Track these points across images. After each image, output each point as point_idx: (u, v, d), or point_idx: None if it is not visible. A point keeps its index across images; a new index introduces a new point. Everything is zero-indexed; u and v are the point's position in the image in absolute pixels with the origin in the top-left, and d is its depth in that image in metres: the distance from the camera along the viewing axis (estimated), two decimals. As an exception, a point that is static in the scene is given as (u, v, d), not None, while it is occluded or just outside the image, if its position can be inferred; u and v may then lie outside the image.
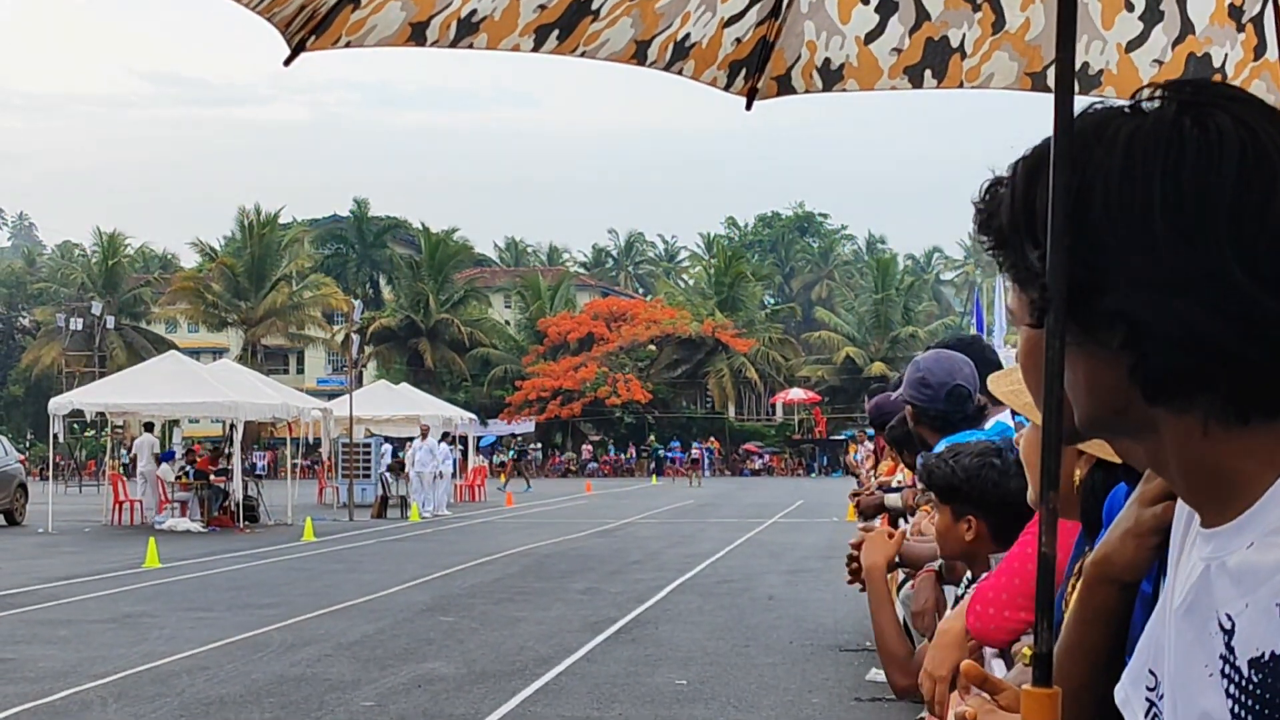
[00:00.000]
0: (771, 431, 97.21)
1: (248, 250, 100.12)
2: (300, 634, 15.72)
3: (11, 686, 12.39)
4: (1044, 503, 1.89)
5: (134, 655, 14.13)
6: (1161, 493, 2.20)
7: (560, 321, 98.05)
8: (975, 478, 4.38)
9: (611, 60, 4.33)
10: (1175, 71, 4.43)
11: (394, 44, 4.09)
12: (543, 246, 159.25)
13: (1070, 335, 1.54)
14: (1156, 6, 4.40)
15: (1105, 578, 2.32)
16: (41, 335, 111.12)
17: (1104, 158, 1.48)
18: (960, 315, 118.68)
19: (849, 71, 4.53)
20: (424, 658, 14.07)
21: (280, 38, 3.97)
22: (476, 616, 17.41)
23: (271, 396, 38.63)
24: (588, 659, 14.07)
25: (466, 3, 4.04)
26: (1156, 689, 1.61)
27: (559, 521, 38.28)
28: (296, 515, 37.13)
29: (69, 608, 18.56)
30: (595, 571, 23.74)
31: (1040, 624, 1.89)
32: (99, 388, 39.34)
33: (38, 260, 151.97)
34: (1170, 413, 1.47)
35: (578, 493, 59.23)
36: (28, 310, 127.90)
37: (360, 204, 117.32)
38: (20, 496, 38.85)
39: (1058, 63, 2.05)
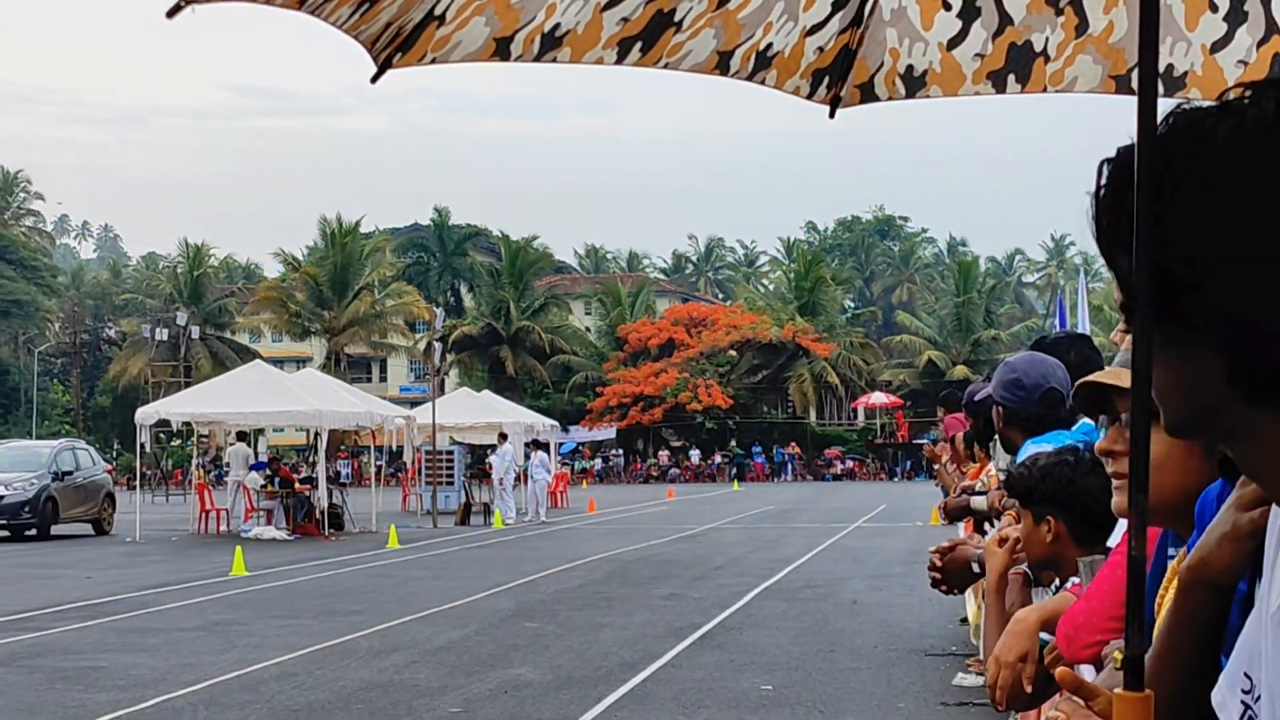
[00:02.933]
0: (853, 436, 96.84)
1: (330, 259, 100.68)
2: (387, 640, 15.80)
3: (104, 694, 12.52)
4: (1133, 506, 1.89)
5: (223, 663, 14.24)
6: (1259, 497, 2.19)
7: (640, 328, 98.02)
8: (1050, 475, 4.38)
9: (694, 71, 4.35)
10: (1260, 72, 4.40)
11: (479, 59, 4.13)
12: (622, 253, 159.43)
13: (1162, 336, 1.54)
14: (1240, 7, 4.37)
15: (1201, 582, 2.31)
16: (128, 346, 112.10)
17: (1200, 157, 1.47)
18: (1043, 317, 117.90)
19: (932, 78, 4.54)
20: (510, 664, 14.11)
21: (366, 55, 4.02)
22: (561, 622, 17.45)
23: (355, 405, 38.82)
24: (673, 664, 14.08)
25: (550, 17, 4.07)
26: (1252, 692, 1.61)
27: (641, 527, 38.29)
28: (381, 522, 37.29)
29: (158, 616, 18.72)
30: (678, 577, 23.74)
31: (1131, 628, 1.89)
32: (185, 398, 39.68)
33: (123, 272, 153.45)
34: (1271, 415, 1.46)
35: (659, 499, 59.19)
36: (114, 321, 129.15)
37: (441, 212, 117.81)
38: (108, 506, 39.21)
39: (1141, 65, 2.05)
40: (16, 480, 35.97)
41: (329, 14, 3.78)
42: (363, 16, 3.85)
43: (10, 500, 35.57)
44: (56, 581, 24.25)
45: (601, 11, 4.11)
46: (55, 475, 36.82)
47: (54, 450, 38.76)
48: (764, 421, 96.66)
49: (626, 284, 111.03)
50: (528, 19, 4.06)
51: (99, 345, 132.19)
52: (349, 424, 39.99)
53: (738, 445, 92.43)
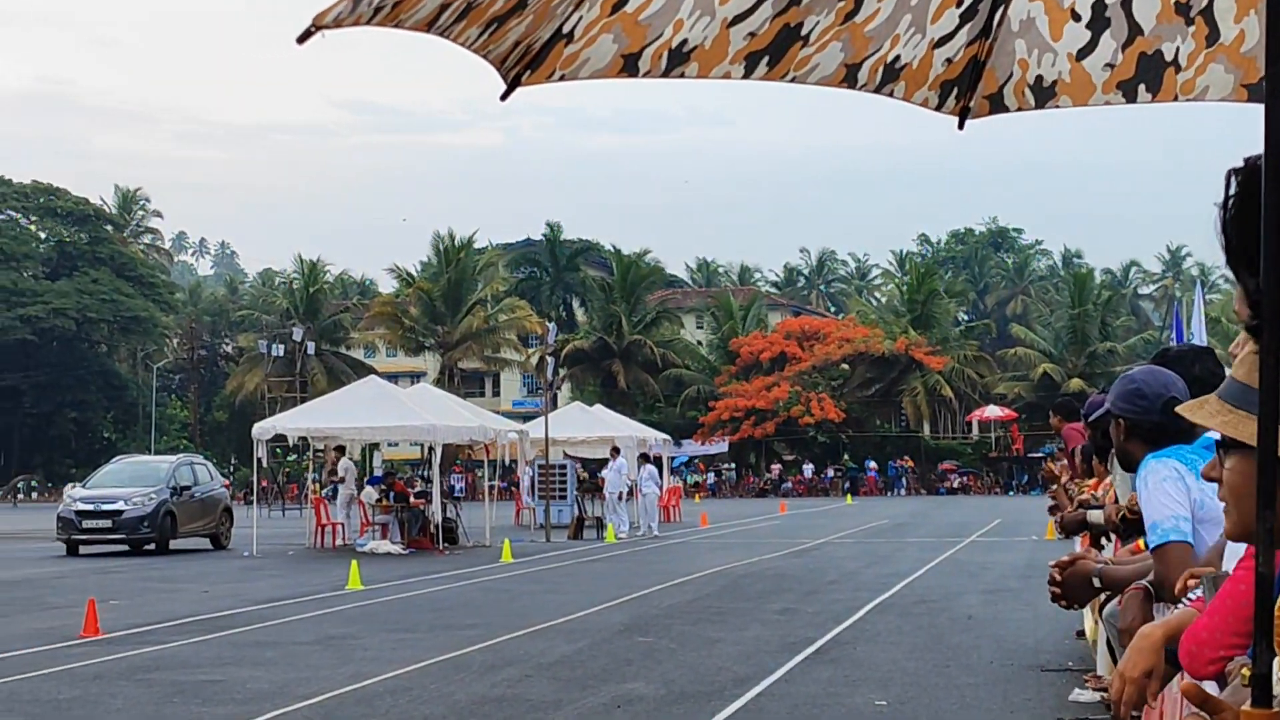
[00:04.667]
0: (967, 450, 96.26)
1: (444, 275, 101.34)
2: (500, 655, 15.85)
3: (221, 708, 12.64)
4: (1261, 524, 1.86)
5: (339, 676, 14.34)
6: None
7: (752, 341, 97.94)
8: None
9: (822, 85, 4.35)
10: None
11: (607, 76, 4.14)
12: (734, 266, 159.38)
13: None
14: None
15: None
16: (244, 362, 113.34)
17: None
18: (1159, 330, 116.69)
19: (1062, 88, 4.51)
20: (623, 678, 14.11)
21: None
22: (674, 637, 17.43)
23: (469, 419, 39.00)
24: (786, 679, 14.03)
25: (677, 33, 4.08)
26: None
27: (754, 542, 38.22)
28: (494, 537, 37.44)
29: (275, 630, 18.88)
30: (792, 592, 23.66)
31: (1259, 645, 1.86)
32: (301, 413, 40.03)
33: (240, 288, 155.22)
34: None
35: (771, 513, 59.07)
36: (231, 337, 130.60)
37: (553, 227, 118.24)
38: (226, 520, 39.62)
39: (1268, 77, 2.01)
40: (136, 495, 36.42)
41: (457, 35, 3.81)
42: (491, 36, 3.88)
43: (130, 515, 36.02)
44: (175, 595, 24.52)
45: (729, 27, 4.11)
46: (174, 490, 37.25)
47: (173, 465, 39.23)
48: (877, 435, 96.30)
49: (738, 297, 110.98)
50: (655, 35, 4.08)
51: (216, 361, 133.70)
52: (462, 438, 40.17)
53: (850, 459, 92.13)
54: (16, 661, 15.84)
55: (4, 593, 25.62)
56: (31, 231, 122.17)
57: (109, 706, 12.83)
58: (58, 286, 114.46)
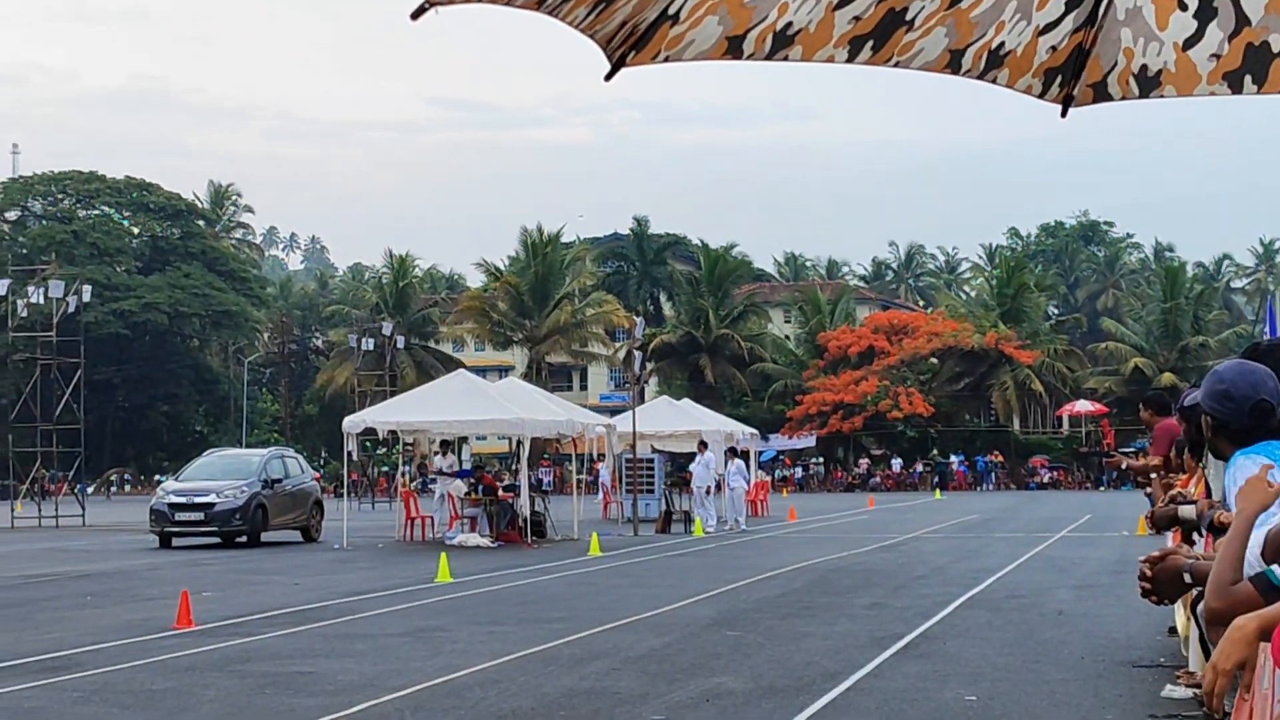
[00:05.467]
0: (1058, 444, 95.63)
1: (531, 269, 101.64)
2: (588, 648, 15.87)
3: (313, 699, 12.72)
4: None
5: (429, 668, 14.40)
6: None
7: (840, 335, 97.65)
8: None
9: (925, 70, 4.34)
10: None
11: (711, 58, 4.15)
12: (821, 260, 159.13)
13: None
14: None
15: None
16: (334, 356, 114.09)
17: None
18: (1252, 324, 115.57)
19: (1166, 78, 4.47)
20: (711, 672, 14.10)
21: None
22: (763, 631, 17.40)
23: (556, 413, 39.10)
24: (875, 674, 13.98)
25: (782, 15, 4.08)
26: None
27: (842, 536, 38.10)
28: (582, 530, 37.53)
29: (365, 622, 18.98)
30: (880, 586, 23.58)
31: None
32: (390, 406, 40.20)
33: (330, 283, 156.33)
34: None
35: (860, 507, 58.89)
36: (321, 331, 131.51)
37: (640, 221, 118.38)
38: (316, 513, 39.86)
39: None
40: (228, 488, 36.72)
41: (565, 14, 3.84)
42: (599, 16, 3.91)
43: (222, 507, 36.31)
44: (266, 587, 24.71)
45: (834, 10, 4.11)
46: (265, 483, 37.50)
47: (264, 458, 39.48)
48: (966, 429, 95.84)
49: (826, 291, 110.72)
50: (760, 17, 4.08)
51: (306, 355, 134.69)
52: (550, 432, 40.26)
53: (939, 453, 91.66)
54: (111, 652, 16.01)
55: (98, 584, 25.91)
56: (125, 227, 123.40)
57: (202, 697, 12.95)
58: (150, 281, 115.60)
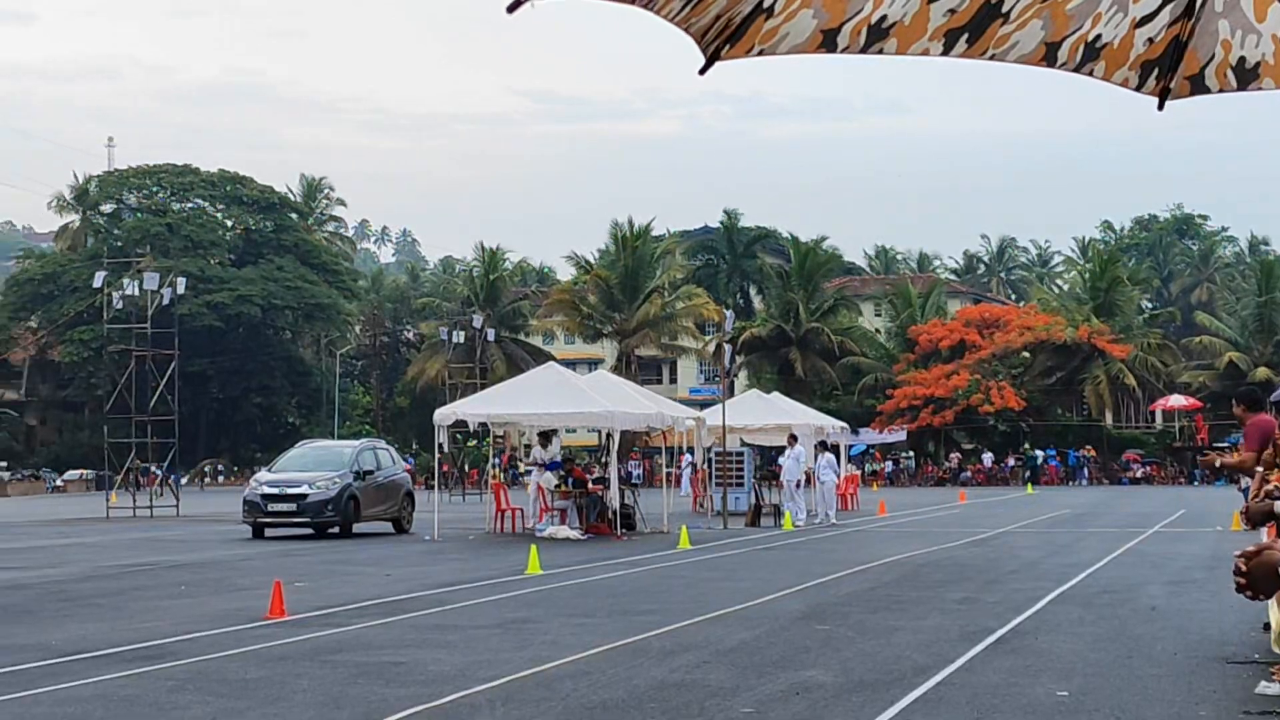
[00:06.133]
0: (1151, 439, 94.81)
1: (621, 262, 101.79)
2: (678, 640, 15.87)
3: (404, 689, 12.79)
4: None
5: (519, 660, 14.44)
6: None
7: (931, 329, 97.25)
8: None
9: (1021, 63, 4.32)
10: None
11: (805, 51, 4.16)
12: (913, 253, 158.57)
13: None
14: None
15: None
16: (425, 348, 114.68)
17: None
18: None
19: (1265, 70, 4.43)
20: (801, 665, 14.08)
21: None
22: (853, 625, 17.36)
23: (646, 406, 39.12)
24: (966, 669, 13.91)
25: (877, 8, 4.08)
26: None
27: (933, 530, 37.95)
28: (671, 523, 37.53)
29: (456, 613, 19.06)
30: (971, 581, 23.46)
31: None
32: (481, 399, 40.35)
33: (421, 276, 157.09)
34: None
35: (950, 502, 58.62)
36: (412, 324, 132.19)
37: (730, 214, 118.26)
38: (407, 505, 40.07)
39: None
40: (320, 479, 36.95)
41: (661, 7, 3.85)
42: (694, 9, 3.92)
43: (314, 498, 36.56)
44: (358, 578, 24.86)
45: (929, 3, 4.11)
46: (357, 474, 37.71)
47: (356, 450, 39.70)
48: (1058, 424, 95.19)
49: (917, 285, 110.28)
50: (855, 10, 4.08)
51: (398, 347, 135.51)
52: (640, 425, 40.27)
53: (1031, 448, 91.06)
54: (205, 641, 16.16)
55: (193, 574, 26.17)
56: (219, 220, 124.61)
57: (295, 687, 13.04)
58: (244, 274, 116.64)
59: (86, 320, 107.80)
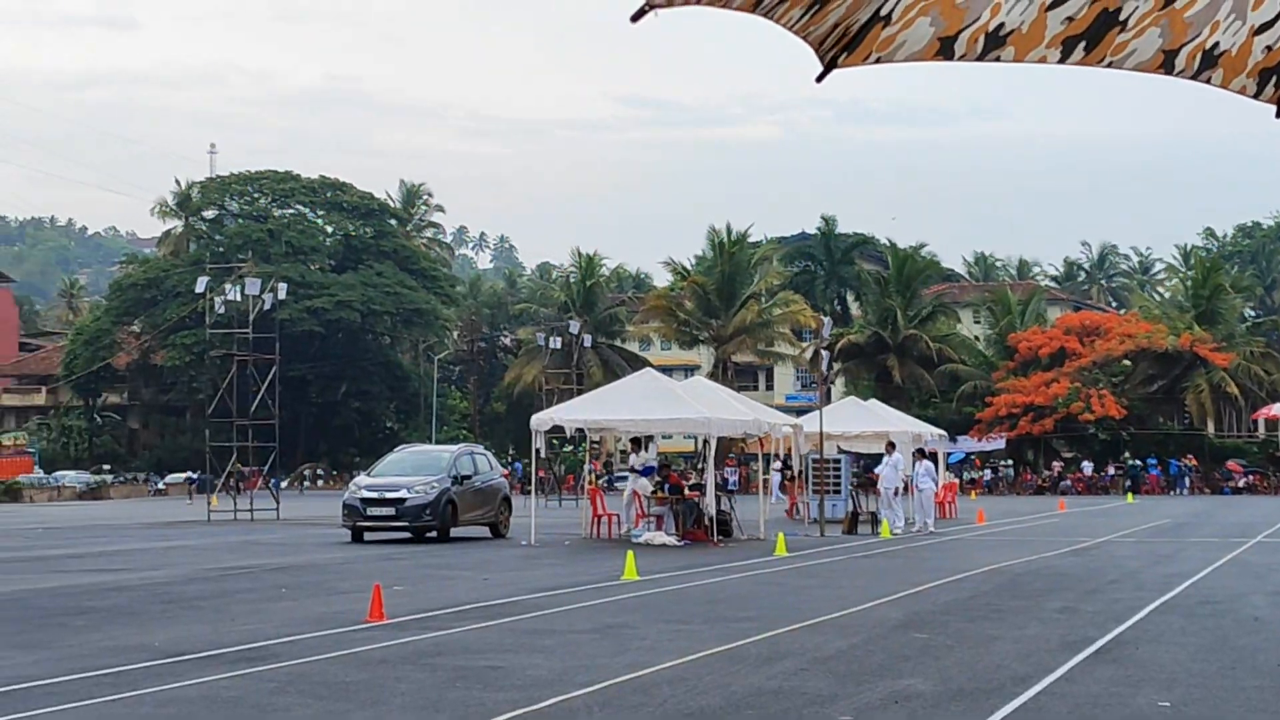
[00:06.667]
0: (1253, 449, 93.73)
1: (718, 268, 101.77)
2: (776, 647, 15.85)
3: (502, 694, 12.84)
4: None
5: (617, 665, 14.47)
6: None
7: (1031, 336, 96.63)
8: None
9: (1138, 70, 4.30)
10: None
11: (922, 59, 4.16)
12: (1012, 260, 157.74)
13: None
14: None
15: None
16: (522, 354, 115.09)
17: None
18: None
19: None
20: (900, 674, 14.03)
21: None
22: (951, 633, 17.28)
23: (743, 413, 39.08)
24: (1066, 678, 13.82)
25: (994, 16, 4.07)
26: None
27: (1032, 539, 37.71)
28: (768, 530, 37.47)
29: (553, 618, 19.13)
30: (1071, 590, 23.29)
31: None
32: (577, 404, 40.41)
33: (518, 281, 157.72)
34: None
35: (1050, 510, 58.25)
36: (509, 330, 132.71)
37: (828, 221, 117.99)
38: (504, 510, 40.18)
39: None
40: (419, 483, 37.12)
41: (780, 16, 3.87)
42: (813, 18, 3.93)
43: (412, 503, 36.72)
44: (456, 582, 24.98)
45: (1046, 11, 4.09)
46: (455, 479, 37.84)
47: (454, 455, 39.84)
48: (1159, 433, 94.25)
49: (1016, 292, 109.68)
50: (972, 18, 4.08)
51: (495, 353, 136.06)
52: (737, 431, 40.22)
53: (1132, 457, 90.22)
54: (306, 644, 16.29)
55: (293, 577, 26.39)
56: (319, 225, 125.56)
57: (394, 690, 13.13)
58: (343, 279, 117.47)
59: (189, 325, 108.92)
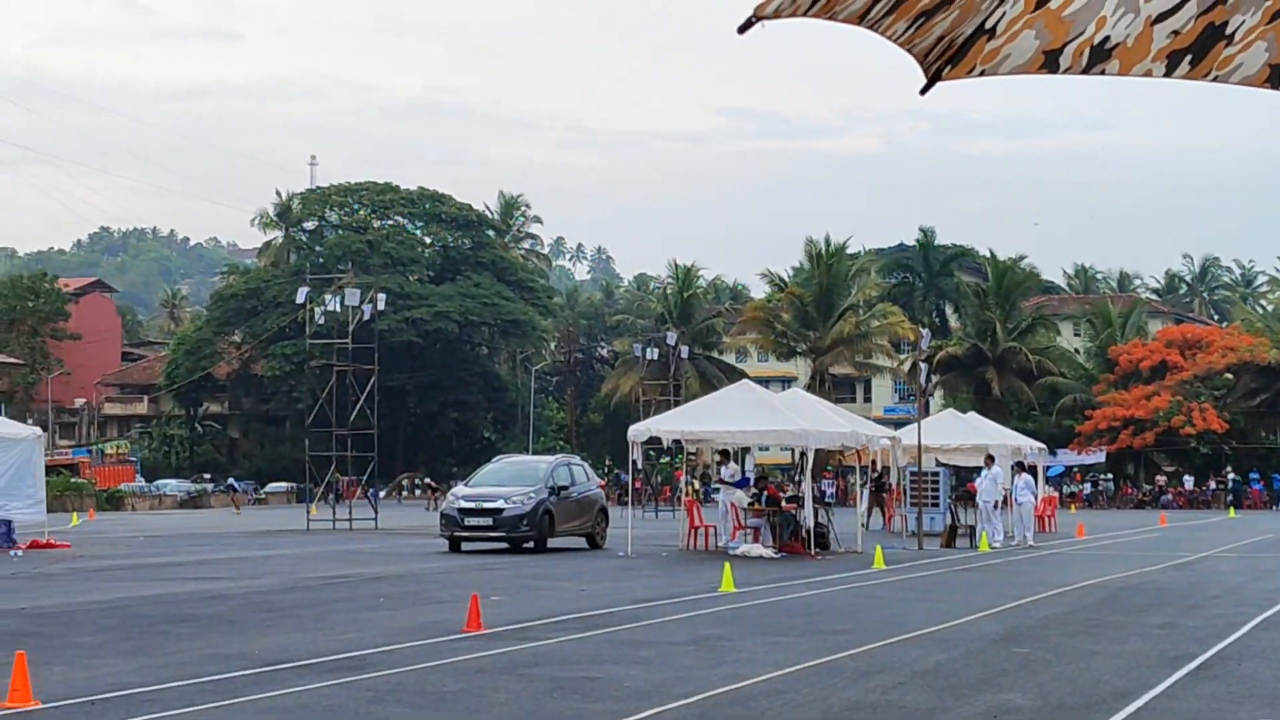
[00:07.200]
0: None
1: (816, 280, 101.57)
2: (873, 661, 15.80)
3: (600, 704, 12.86)
4: None
5: (714, 677, 14.46)
6: None
7: (1132, 349, 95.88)
8: None
9: (1243, 84, 4.28)
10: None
11: (1027, 72, 4.15)
12: (1112, 273, 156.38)
13: None
14: None
15: None
16: (619, 365, 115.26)
17: None
18: None
19: None
20: (999, 688, 13.94)
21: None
22: (1051, 648, 17.15)
23: (841, 425, 38.95)
24: (1167, 694, 13.69)
25: (1100, 30, 4.06)
26: None
27: (1132, 554, 37.37)
28: (866, 543, 37.33)
29: (650, 629, 19.13)
30: (1172, 605, 23.07)
31: None
32: (675, 416, 40.45)
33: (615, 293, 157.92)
34: None
35: (1151, 525, 57.71)
36: (606, 341, 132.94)
37: (926, 232, 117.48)
38: (601, 521, 40.22)
39: None
40: (516, 494, 37.23)
41: (886, 28, 3.88)
42: (918, 30, 3.94)
43: (510, 513, 36.82)
44: (553, 593, 25.04)
45: (1152, 24, 4.08)
46: (552, 490, 37.91)
47: (551, 465, 39.94)
48: (1262, 447, 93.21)
49: (1117, 304, 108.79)
50: (1077, 32, 4.07)
51: (592, 364, 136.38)
52: (834, 444, 40.10)
53: (1234, 471, 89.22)
54: (404, 653, 16.38)
55: (392, 587, 26.54)
56: (418, 236, 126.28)
57: (492, 700, 13.18)
58: (442, 290, 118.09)
59: (289, 335, 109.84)
